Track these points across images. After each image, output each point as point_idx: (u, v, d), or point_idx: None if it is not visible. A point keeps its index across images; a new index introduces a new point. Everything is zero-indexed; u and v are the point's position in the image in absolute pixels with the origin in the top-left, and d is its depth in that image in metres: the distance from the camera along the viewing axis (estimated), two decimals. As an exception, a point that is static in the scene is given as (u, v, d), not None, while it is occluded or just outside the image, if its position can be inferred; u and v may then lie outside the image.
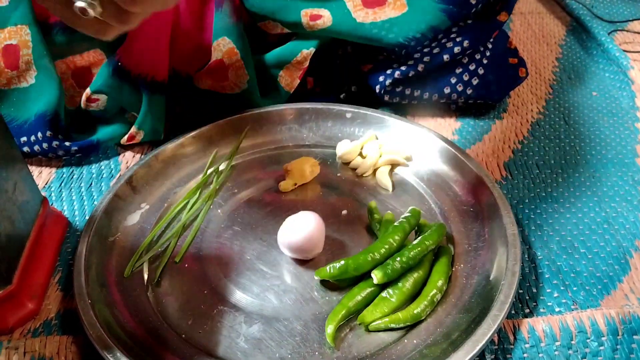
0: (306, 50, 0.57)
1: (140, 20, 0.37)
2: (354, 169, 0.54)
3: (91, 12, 0.33)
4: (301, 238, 0.42)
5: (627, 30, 0.78)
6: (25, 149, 0.55)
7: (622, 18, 0.81)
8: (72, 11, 0.34)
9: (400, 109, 0.62)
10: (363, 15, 0.56)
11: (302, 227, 0.43)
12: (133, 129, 0.56)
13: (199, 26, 0.56)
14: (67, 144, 0.54)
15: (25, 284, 0.42)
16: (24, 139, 0.55)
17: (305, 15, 0.56)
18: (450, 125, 0.60)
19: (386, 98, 0.60)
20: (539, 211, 0.49)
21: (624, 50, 0.71)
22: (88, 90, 0.55)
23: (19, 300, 0.41)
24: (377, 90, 0.59)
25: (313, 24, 0.56)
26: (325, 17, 0.56)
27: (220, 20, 0.55)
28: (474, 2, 0.57)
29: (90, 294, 0.39)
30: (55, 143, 0.54)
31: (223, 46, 0.55)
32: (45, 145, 0.54)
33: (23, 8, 0.54)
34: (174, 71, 0.56)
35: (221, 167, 0.54)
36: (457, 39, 0.57)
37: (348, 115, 0.58)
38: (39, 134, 0.54)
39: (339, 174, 0.54)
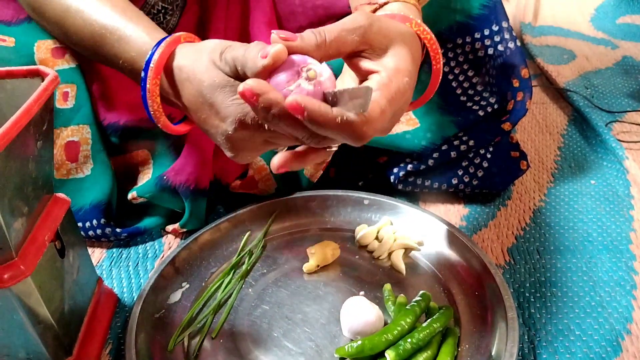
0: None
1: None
2: (371, 252, 0.60)
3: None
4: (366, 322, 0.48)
5: (624, 121, 0.84)
6: (81, 233, 0.62)
7: (620, 109, 0.88)
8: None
9: (412, 196, 0.68)
10: None
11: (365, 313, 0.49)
12: (177, 226, 0.63)
13: None
14: (117, 230, 0.62)
15: (82, 355, 0.48)
16: (80, 224, 0.62)
17: None
18: (458, 212, 0.67)
19: (400, 187, 0.67)
20: (538, 295, 0.55)
21: (621, 140, 0.77)
22: (135, 193, 0.63)
23: (77, 371, 0.47)
24: (392, 180, 0.66)
25: None
26: None
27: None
28: (482, 114, 0.64)
29: (140, 366, 0.45)
30: (107, 230, 0.61)
31: (255, 165, 0.63)
32: (99, 231, 0.62)
33: (85, 110, 0.62)
34: (215, 178, 0.64)
35: (252, 249, 0.60)
36: (464, 139, 0.64)
37: (366, 202, 0.65)
38: (94, 221, 0.61)
39: (357, 257, 0.60)
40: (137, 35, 0.49)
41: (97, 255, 0.62)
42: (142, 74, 0.46)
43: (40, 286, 0.42)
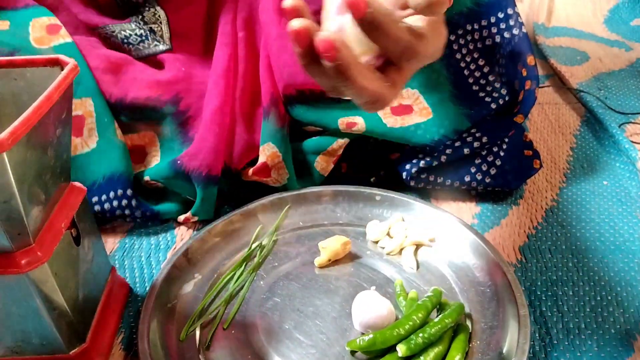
0: (341, 140, 0.65)
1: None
2: (382, 248, 0.60)
3: None
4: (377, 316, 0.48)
5: (637, 123, 0.84)
6: (97, 207, 0.62)
7: (634, 110, 0.87)
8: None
9: (424, 193, 0.68)
10: (392, 121, 0.64)
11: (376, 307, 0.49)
12: (189, 214, 0.63)
13: (249, 129, 0.64)
14: (133, 203, 0.62)
15: (95, 343, 0.48)
16: (95, 198, 0.62)
17: (342, 123, 0.64)
18: (470, 210, 0.67)
19: (412, 183, 0.67)
20: (550, 293, 0.55)
21: (634, 142, 0.77)
22: (147, 177, 0.63)
23: (89, 357, 0.47)
24: (404, 177, 0.66)
25: (349, 130, 0.64)
26: (359, 124, 0.64)
27: (266, 128, 0.63)
28: (493, 107, 0.64)
29: (152, 355, 0.45)
30: (124, 202, 0.61)
31: (267, 150, 0.63)
32: (115, 203, 0.61)
33: (86, 82, 0.62)
34: (226, 165, 0.64)
35: (264, 242, 0.60)
36: (477, 135, 0.64)
37: (377, 197, 0.65)
38: (111, 193, 0.61)
39: (368, 252, 0.60)
40: None
41: (109, 245, 0.62)
42: None
43: (57, 273, 0.43)
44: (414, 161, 0.65)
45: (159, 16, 0.71)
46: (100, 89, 0.63)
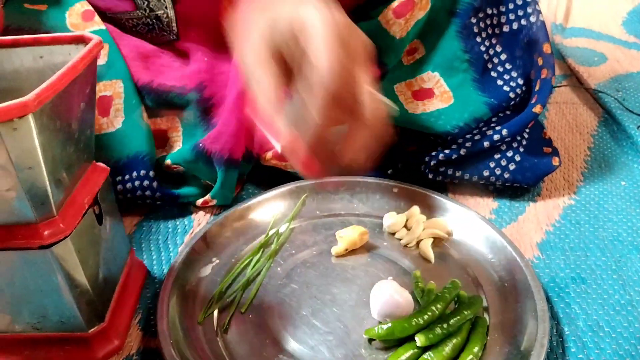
0: None
1: None
2: (399, 239, 0.60)
3: None
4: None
5: (656, 125, 0.83)
6: (119, 187, 0.62)
7: (652, 112, 0.87)
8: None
9: (442, 186, 0.68)
10: (414, 107, 0.63)
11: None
12: (208, 197, 0.63)
13: None
14: (154, 185, 0.62)
15: (113, 323, 0.48)
16: (119, 178, 0.62)
17: None
18: (488, 205, 0.66)
19: (430, 176, 0.66)
20: (567, 290, 0.54)
21: (652, 144, 0.77)
22: (169, 161, 0.63)
23: (107, 337, 0.48)
24: (422, 169, 0.66)
25: None
26: None
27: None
28: (512, 96, 0.64)
29: (171, 335, 0.46)
30: (145, 182, 0.62)
31: None
32: (137, 183, 0.62)
33: (118, 65, 0.64)
34: (247, 150, 0.64)
35: (281, 230, 0.60)
36: (497, 128, 0.64)
37: (395, 190, 0.65)
38: (134, 173, 0.62)
39: (385, 243, 0.60)
40: None
41: (127, 227, 0.62)
42: None
43: (79, 250, 0.43)
44: (433, 153, 0.65)
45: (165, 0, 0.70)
46: (131, 73, 0.65)
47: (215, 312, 0.50)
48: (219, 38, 0.71)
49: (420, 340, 0.45)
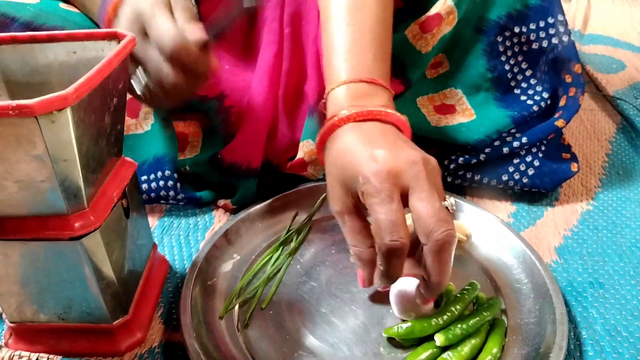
0: None
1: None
2: (417, 241, 0.61)
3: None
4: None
5: (675, 133, 0.83)
6: (144, 186, 0.64)
7: (671, 120, 0.87)
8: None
9: (460, 189, 0.69)
10: (437, 120, 0.64)
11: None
12: (228, 202, 0.64)
13: (291, 127, 0.65)
14: (178, 186, 0.63)
15: (136, 316, 0.49)
16: (144, 177, 0.64)
17: None
18: (506, 209, 0.67)
19: (449, 180, 0.67)
20: (585, 294, 0.55)
21: (671, 152, 0.77)
22: (187, 167, 0.64)
23: (130, 329, 0.48)
24: (442, 172, 0.66)
25: None
26: None
27: (309, 126, 0.63)
28: (536, 109, 0.64)
29: (194, 329, 0.46)
30: (170, 182, 0.63)
31: (306, 147, 0.63)
32: (161, 182, 0.63)
33: None
34: (267, 159, 0.65)
35: (300, 228, 0.61)
36: (517, 135, 0.64)
37: (414, 191, 0.65)
38: (159, 173, 0.63)
39: (403, 244, 0.60)
40: None
41: (149, 223, 0.63)
42: None
43: (107, 243, 0.44)
44: (452, 157, 0.66)
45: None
46: None
47: (236, 308, 0.51)
48: (240, 45, 0.73)
49: (439, 339, 0.46)
